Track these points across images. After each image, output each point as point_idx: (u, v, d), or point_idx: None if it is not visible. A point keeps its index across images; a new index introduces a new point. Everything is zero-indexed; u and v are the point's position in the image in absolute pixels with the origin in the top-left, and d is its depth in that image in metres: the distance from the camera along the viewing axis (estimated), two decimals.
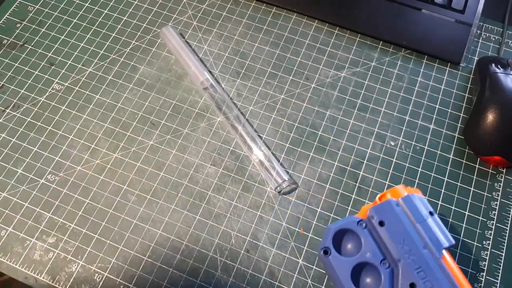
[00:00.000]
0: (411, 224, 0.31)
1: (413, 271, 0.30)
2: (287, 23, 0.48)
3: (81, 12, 0.49)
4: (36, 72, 0.45)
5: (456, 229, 0.38)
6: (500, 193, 0.40)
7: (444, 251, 0.31)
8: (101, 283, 0.36)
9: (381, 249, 0.31)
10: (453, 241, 0.31)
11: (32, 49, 0.47)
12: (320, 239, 0.38)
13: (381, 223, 0.31)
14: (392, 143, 0.42)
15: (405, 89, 0.44)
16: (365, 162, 0.41)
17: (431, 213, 0.32)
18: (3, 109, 0.43)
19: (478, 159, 0.41)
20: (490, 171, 0.41)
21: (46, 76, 0.45)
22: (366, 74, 0.45)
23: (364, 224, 0.32)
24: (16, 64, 0.46)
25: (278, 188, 0.39)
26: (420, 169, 0.40)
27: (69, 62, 0.46)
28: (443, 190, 0.40)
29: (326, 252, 0.32)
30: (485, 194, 0.40)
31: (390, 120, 0.43)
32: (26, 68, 0.45)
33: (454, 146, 0.42)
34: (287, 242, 0.38)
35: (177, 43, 0.45)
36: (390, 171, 0.40)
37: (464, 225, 0.38)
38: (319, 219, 0.39)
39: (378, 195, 0.34)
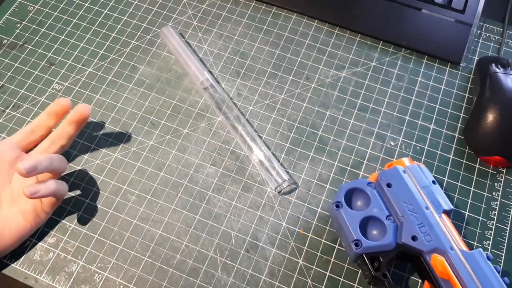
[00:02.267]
0: (415, 187, 0.35)
1: (415, 225, 0.33)
2: (287, 23, 0.48)
3: (81, 12, 0.49)
4: (36, 72, 0.45)
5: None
6: (500, 193, 0.40)
7: (443, 214, 0.34)
8: (101, 283, 0.36)
9: (387, 207, 0.35)
10: (452, 206, 0.35)
11: (32, 49, 0.47)
12: (321, 239, 0.38)
13: (389, 185, 0.35)
14: (392, 143, 0.42)
15: (405, 89, 0.44)
16: (365, 162, 0.41)
17: (433, 182, 0.36)
18: (3, 109, 0.43)
19: (478, 159, 0.41)
20: (490, 171, 0.41)
21: (46, 76, 0.45)
22: (366, 74, 0.45)
23: (373, 185, 0.36)
24: (16, 64, 0.46)
25: (278, 188, 0.39)
26: None
27: (69, 62, 0.46)
28: (443, 190, 0.40)
29: (338, 206, 0.35)
30: (485, 194, 0.40)
31: (390, 120, 0.43)
32: (26, 68, 0.45)
33: (454, 146, 0.42)
34: (287, 242, 0.38)
35: (177, 43, 0.45)
36: None
37: (464, 225, 0.38)
38: (319, 219, 0.39)
39: (387, 164, 0.38)
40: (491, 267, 0.32)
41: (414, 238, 0.33)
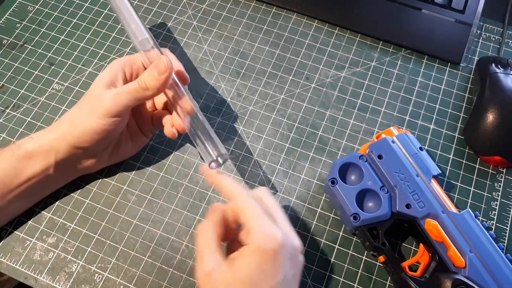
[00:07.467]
0: (404, 157, 0.37)
1: (408, 194, 0.35)
2: (287, 23, 0.48)
3: (81, 12, 0.49)
4: (36, 72, 0.45)
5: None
6: (500, 193, 0.40)
7: (432, 179, 0.36)
8: (101, 283, 0.36)
9: (380, 178, 0.36)
10: (440, 171, 0.37)
11: (32, 49, 0.47)
12: (321, 239, 0.38)
13: (380, 156, 0.37)
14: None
15: (405, 89, 0.44)
16: None
17: (421, 148, 0.37)
18: (3, 109, 0.43)
19: (478, 159, 0.41)
20: (490, 171, 0.41)
21: (46, 76, 0.45)
22: (366, 74, 0.45)
23: (365, 158, 0.37)
24: (16, 64, 0.46)
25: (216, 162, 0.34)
26: None
27: (69, 62, 0.46)
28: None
29: (333, 182, 0.36)
30: (485, 194, 0.40)
31: (390, 120, 0.43)
32: (26, 68, 0.45)
33: (454, 146, 0.42)
34: None
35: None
36: None
37: None
38: (319, 219, 0.39)
39: (375, 135, 0.40)
40: (479, 224, 0.34)
41: (408, 206, 0.35)
